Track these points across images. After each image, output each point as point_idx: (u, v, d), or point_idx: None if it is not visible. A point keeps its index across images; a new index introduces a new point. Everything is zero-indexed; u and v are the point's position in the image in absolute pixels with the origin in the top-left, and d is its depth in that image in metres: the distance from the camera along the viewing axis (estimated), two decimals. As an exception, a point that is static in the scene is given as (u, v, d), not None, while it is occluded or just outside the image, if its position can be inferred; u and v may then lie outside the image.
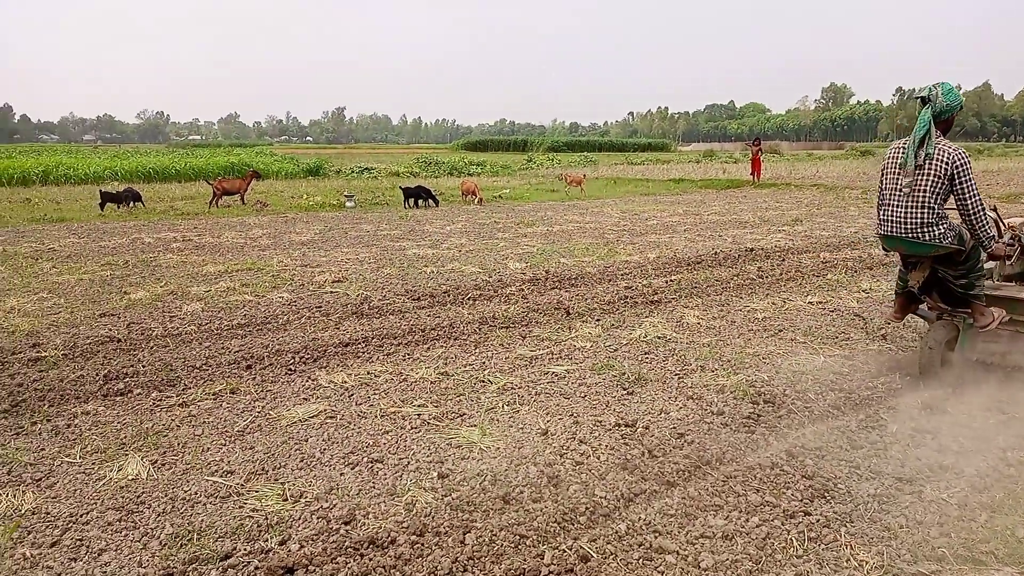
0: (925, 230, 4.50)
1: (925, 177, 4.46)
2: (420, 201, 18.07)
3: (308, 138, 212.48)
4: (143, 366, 5.35)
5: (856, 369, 5.33)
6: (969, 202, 4.44)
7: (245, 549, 2.97)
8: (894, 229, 4.65)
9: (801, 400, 4.70)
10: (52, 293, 7.79)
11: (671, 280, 8.67)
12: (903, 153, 4.57)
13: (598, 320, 6.77)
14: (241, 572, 2.80)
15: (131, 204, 16.85)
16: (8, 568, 2.85)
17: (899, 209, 4.59)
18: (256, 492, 3.46)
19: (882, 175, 4.79)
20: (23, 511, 3.29)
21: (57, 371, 5.22)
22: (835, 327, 6.52)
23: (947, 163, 4.39)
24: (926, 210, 4.48)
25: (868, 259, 10.07)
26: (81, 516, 3.26)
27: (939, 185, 4.43)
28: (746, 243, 11.71)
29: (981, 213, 4.47)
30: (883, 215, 4.74)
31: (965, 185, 4.41)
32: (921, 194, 4.48)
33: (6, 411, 4.47)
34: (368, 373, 5.24)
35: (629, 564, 2.88)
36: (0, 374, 5.15)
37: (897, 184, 4.61)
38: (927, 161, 4.44)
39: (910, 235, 4.57)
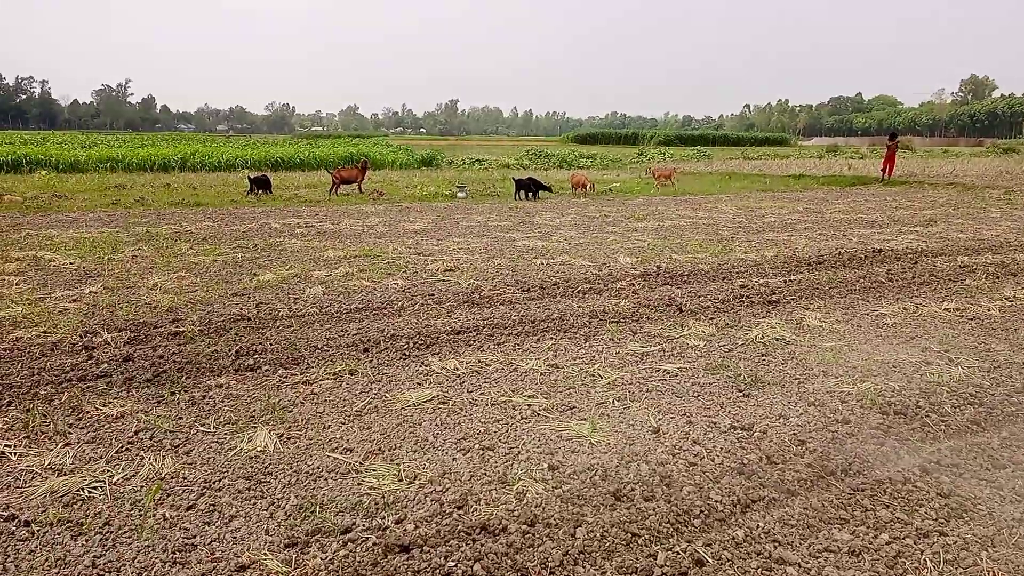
0: None
1: None
2: (530, 193, 18.11)
3: (422, 129, 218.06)
4: (270, 344, 5.64)
5: (998, 383, 4.93)
6: None
7: (364, 525, 3.07)
8: None
9: (936, 413, 4.38)
10: (189, 272, 8.36)
11: (790, 280, 8.31)
12: None
13: (712, 319, 6.57)
14: (360, 547, 2.91)
15: (259, 191, 17.83)
16: (150, 527, 3.07)
17: None
18: (373, 471, 3.58)
19: None
20: (163, 475, 3.54)
21: (194, 345, 5.59)
22: (974, 336, 6.05)
23: None
24: None
25: (1012, 265, 9.28)
26: (214, 483, 3.47)
27: None
28: (874, 243, 11.05)
29: None
30: None
31: None
32: None
33: (149, 380, 4.83)
34: (479, 361, 5.31)
35: (747, 573, 2.78)
36: (144, 346, 5.57)
37: None
38: None
39: None
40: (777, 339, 5.91)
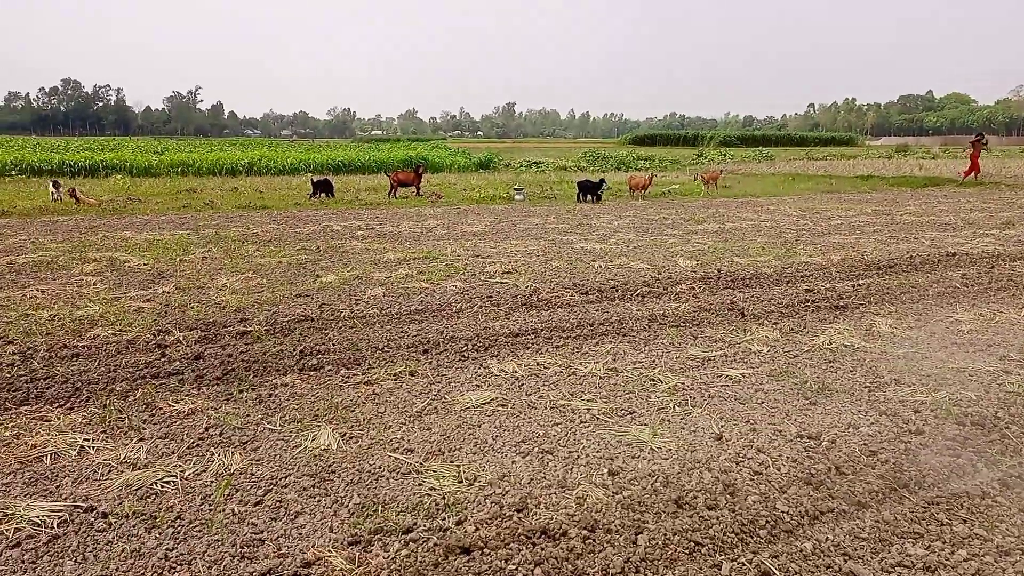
0: None
1: None
2: (592, 196, 17.98)
3: (479, 132, 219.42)
4: (333, 344, 5.75)
5: (1087, 395, 4.66)
6: None
7: (425, 525, 3.10)
8: None
9: (1017, 425, 4.17)
10: (256, 273, 8.59)
11: (858, 284, 8.05)
12: None
13: (775, 323, 6.42)
14: (422, 547, 2.93)
15: (322, 194, 18.25)
16: (219, 521, 3.16)
17: None
18: (434, 472, 3.61)
19: None
20: (232, 470, 3.64)
21: (260, 345, 5.74)
22: (1059, 345, 5.74)
23: None
24: None
25: (1101, 269, 8.78)
26: (280, 479, 3.55)
27: None
28: (947, 247, 10.61)
29: None
30: None
31: None
32: None
33: (218, 378, 4.98)
34: (537, 364, 5.31)
35: (815, 586, 2.70)
36: (213, 345, 5.74)
37: None
38: None
39: None
40: (845, 345, 5.73)
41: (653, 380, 4.98)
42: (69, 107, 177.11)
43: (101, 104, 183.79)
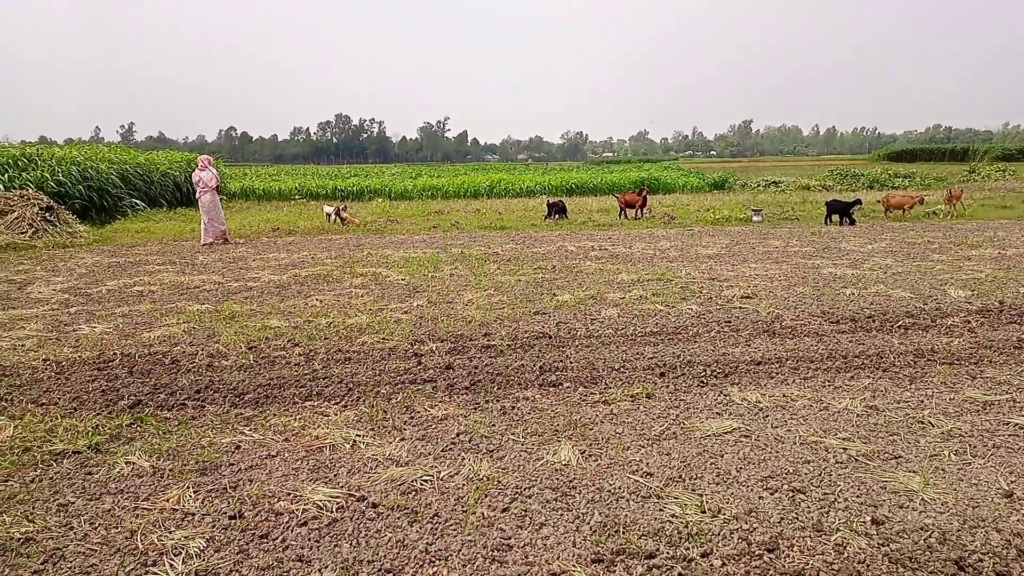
0: None
1: None
2: (846, 218, 16.58)
3: (712, 152, 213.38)
4: (570, 362, 5.89)
5: None
6: None
7: (668, 552, 3.04)
8: None
9: None
10: (497, 291, 9.07)
11: None
12: None
13: (1081, 367, 5.45)
14: (665, 574, 2.88)
15: (556, 216, 18.86)
16: (471, 523, 3.36)
17: None
18: (675, 498, 3.53)
19: None
20: (481, 476, 3.86)
21: (503, 359, 6.03)
22: None
23: None
24: None
25: None
26: (525, 489, 3.69)
27: None
28: None
29: None
30: None
31: None
32: None
33: (467, 388, 5.31)
34: (783, 396, 5.00)
35: None
36: (462, 356, 6.15)
37: None
38: None
39: None
40: None
41: (922, 423, 4.46)
42: (340, 139, 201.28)
43: (366, 135, 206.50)
